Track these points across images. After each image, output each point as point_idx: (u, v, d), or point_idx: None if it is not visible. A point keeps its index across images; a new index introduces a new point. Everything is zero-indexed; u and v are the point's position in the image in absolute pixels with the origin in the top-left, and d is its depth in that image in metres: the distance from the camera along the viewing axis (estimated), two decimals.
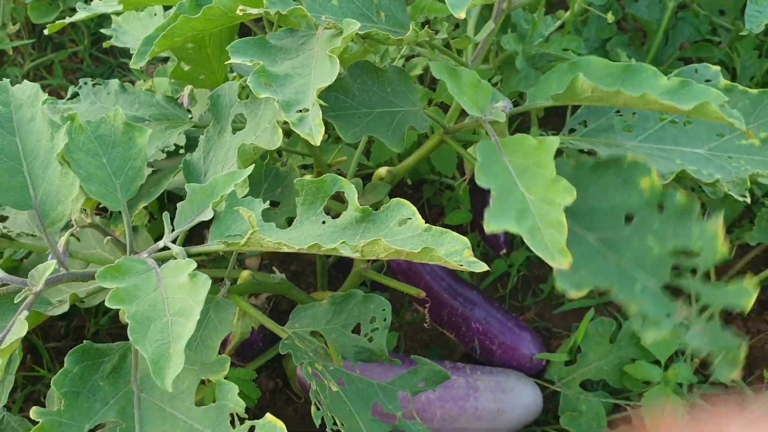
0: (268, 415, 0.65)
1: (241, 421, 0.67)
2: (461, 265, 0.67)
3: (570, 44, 1.28)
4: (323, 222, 0.76)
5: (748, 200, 0.93)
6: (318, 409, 0.76)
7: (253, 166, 0.79)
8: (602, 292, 1.29)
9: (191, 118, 1.10)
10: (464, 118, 1.08)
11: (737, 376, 0.86)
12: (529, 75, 1.29)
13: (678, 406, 1.06)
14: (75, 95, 1.10)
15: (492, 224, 0.74)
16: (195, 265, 0.68)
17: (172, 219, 0.81)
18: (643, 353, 1.13)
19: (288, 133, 1.27)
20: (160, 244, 0.77)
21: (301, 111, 0.79)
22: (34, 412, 0.64)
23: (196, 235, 1.39)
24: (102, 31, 1.29)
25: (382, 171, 1.15)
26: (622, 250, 0.89)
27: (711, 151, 1.02)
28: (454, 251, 0.68)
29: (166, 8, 1.23)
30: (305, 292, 1.16)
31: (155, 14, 1.25)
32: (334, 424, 0.76)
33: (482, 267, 0.67)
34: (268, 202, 0.80)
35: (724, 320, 0.92)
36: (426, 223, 0.74)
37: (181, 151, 1.09)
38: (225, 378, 0.73)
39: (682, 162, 0.99)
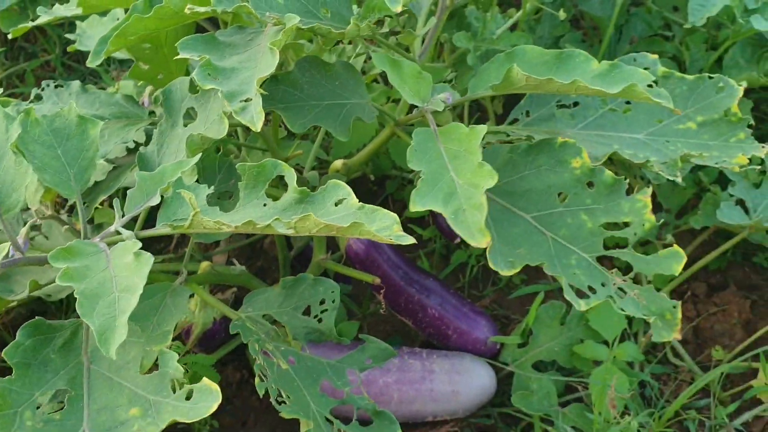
0: (205, 379, 0.69)
1: (181, 385, 0.71)
2: (390, 239, 0.71)
3: (519, 40, 1.33)
4: (264, 205, 0.80)
5: (679, 179, 0.98)
6: (262, 380, 0.80)
7: (199, 154, 0.83)
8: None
9: (152, 115, 1.14)
10: (413, 111, 1.12)
11: (677, 336, 0.91)
12: None
13: (623, 383, 1.10)
14: (39, 97, 1.14)
15: (418, 203, 0.79)
16: (140, 244, 0.72)
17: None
18: (592, 334, 1.17)
19: (248, 129, 1.31)
20: (112, 229, 0.81)
21: (244, 101, 0.84)
22: None
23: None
24: (67, 36, 1.33)
25: (338, 163, 1.19)
26: (557, 226, 0.94)
27: (649, 135, 1.07)
28: (384, 227, 0.73)
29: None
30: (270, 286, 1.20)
31: (118, 18, 1.29)
32: (279, 395, 0.80)
33: (409, 240, 0.71)
34: (218, 190, 0.84)
35: None
36: None
37: (141, 147, 1.13)
38: (183, 364, 0.77)
39: (619, 146, 1.04)
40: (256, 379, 0.80)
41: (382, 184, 1.55)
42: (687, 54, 1.51)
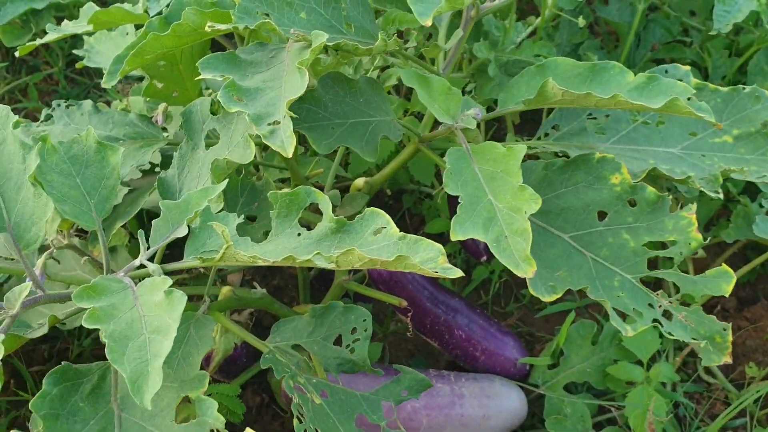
0: (248, 430, 0.65)
1: None
2: (436, 272, 0.67)
3: (542, 50, 1.29)
4: (298, 234, 0.76)
5: (721, 196, 0.94)
6: (300, 422, 0.76)
7: (226, 181, 0.79)
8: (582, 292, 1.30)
9: (166, 135, 1.10)
10: (438, 127, 1.08)
11: (728, 360, 0.87)
12: (503, 82, 1.30)
13: (661, 405, 1.06)
14: (49, 117, 1.09)
15: (458, 232, 0.75)
16: (170, 282, 0.68)
17: (148, 237, 0.80)
18: (625, 354, 1.14)
19: (265, 146, 1.27)
20: (137, 262, 0.77)
21: (272, 124, 0.80)
22: None
23: (175, 252, 1.38)
24: (75, 52, 1.29)
25: (360, 182, 1.15)
26: (598, 246, 0.90)
27: (684, 150, 1.03)
28: (429, 258, 0.69)
29: (138, 27, 1.23)
30: (288, 305, 1.15)
31: (127, 33, 1.25)
32: None
33: (457, 273, 0.67)
34: (243, 216, 0.80)
35: None
36: (407, 232, 0.74)
37: (157, 169, 1.09)
38: (207, 394, 0.73)
39: (655, 161, 1.00)
40: (295, 421, 0.76)
41: (398, 198, 1.51)
42: (709, 60, 1.48)
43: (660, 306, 0.87)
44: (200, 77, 0.86)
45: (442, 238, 1.45)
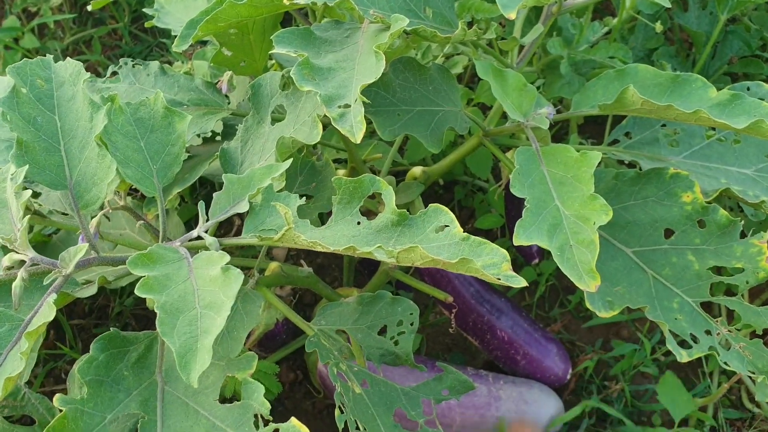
0: (293, 420, 0.64)
1: (266, 422, 0.65)
2: (498, 279, 0.65)
3: (617, 52, 1.25)
4: (358, 222, 0.74)
5: None
6: (342, 412, 0.75)
7: (290, 159, 0.78)
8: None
9: (229, 104, 1.08)
10: (505, 121, 1.06)
11: None
12: (573, 81, 1.27)
13: None
14: (114, 74, 1.09)
15: (522, 237, 0.73)
16: (228, 258, 0.67)
17: (205, 207, 0.79)
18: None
19: (324, 125, 1.25)
20: (194, 233, 0.76)
21: (342, 106, 0.78)
22: (57, 399, 0.63)
23: (223, 222, 1.38)
24: (144, 10, 1.28)
25: (417, 171, 1.13)
26: (660, 264, 0.87)
27: (759, 172, 0.99)
28: (492, 263, 0.67)
29: None
30: (330, 285, 1.14)
31: None
32: (357, 428, 0.74)
33: (521, 282, 0.65)
34: (304, 197, 0.79)
35: None
36: None
37: (218, 138, 1.07)
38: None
39: (727, 181, 0.96)
40: (337, 411, 0.74)
41: (450, 189, 1.48)
42: None
43: (718, 333, 0.84)
44: (271, 50, 0.84)
45: (491, 234, 1.43)
